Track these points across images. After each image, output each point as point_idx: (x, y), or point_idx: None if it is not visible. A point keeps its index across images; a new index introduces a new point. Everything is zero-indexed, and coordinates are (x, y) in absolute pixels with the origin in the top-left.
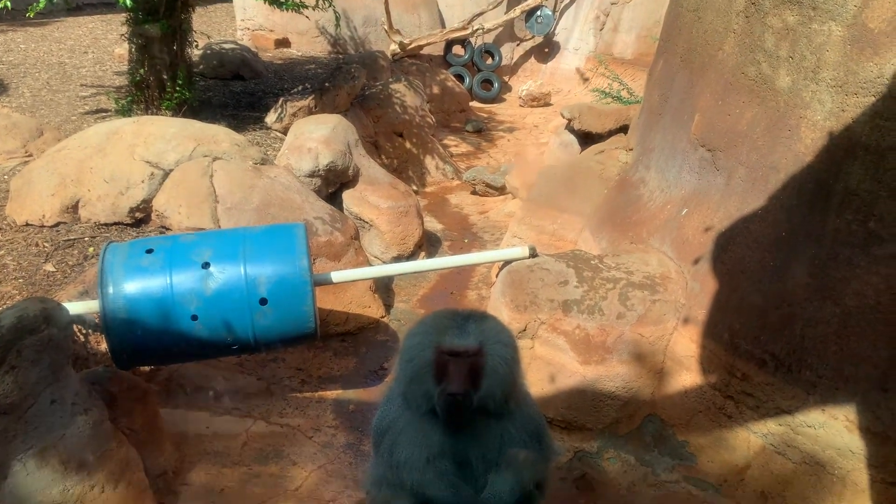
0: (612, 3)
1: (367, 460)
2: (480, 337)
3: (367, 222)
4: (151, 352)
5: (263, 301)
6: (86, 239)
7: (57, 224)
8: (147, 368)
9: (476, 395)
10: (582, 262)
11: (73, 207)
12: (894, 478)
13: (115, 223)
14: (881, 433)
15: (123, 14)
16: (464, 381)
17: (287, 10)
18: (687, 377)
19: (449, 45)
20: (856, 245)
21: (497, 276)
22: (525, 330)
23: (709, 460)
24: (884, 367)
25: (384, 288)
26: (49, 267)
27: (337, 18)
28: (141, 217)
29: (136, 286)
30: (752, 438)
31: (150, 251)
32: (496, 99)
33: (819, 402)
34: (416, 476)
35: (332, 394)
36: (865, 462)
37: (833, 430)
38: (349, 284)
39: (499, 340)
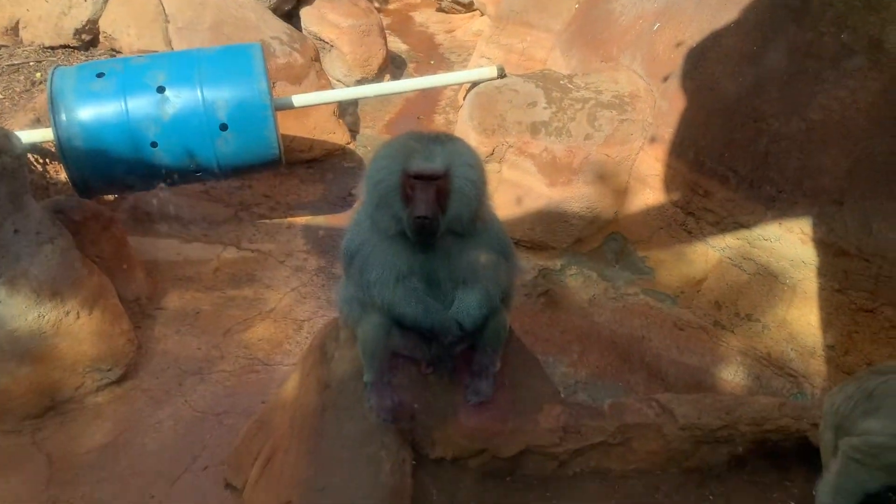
0: None
1: (339, 282)
2: (447, 160)
3: (327, 42)
4: (112, 179)
5: (224, 127)
6: (31, 63)
7: None
8: (112, 197)
9: (443, 217)
10: (551, 83)
11: (14, 29)
12: (841, 285)
13: (62, 46)
14: (833, 244)
15: None
16: (431, 203)
17: None
18: (650, 195)
19: None
20: (826, 58)
21: (464, 99)
22: (493, 154)
23: (667, 273)
24: (841, 180)
25: (349, 113)
26: None
27: None
28: (88, 39)
29: (90, 112)
30: (710, 252)
31: (100, 75)
32: None
33: (777, 217)
34: (387, 294)
35: (302, 220)
36: (816, 272)
37: (788, 242)
38: (312, 110)
39: (465, 163)
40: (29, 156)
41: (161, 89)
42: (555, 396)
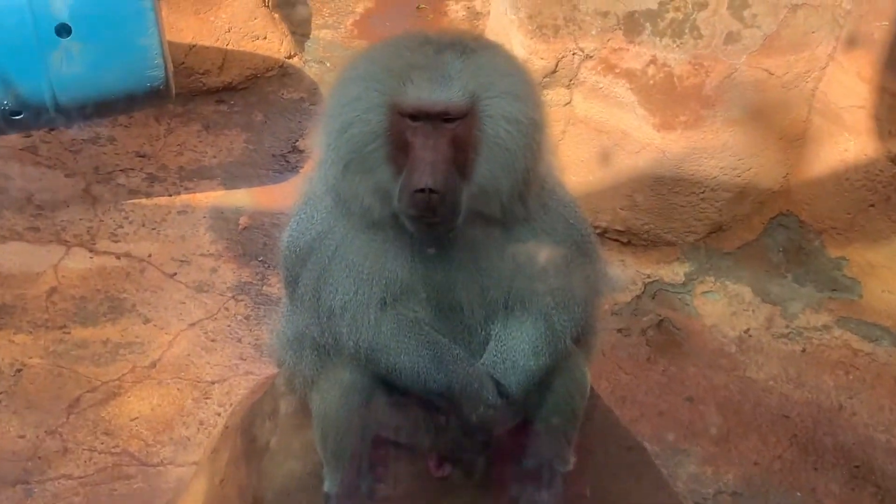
0: None
1: (277, 311)
2: (471, 84)
3: None
4: None
5: (64, 30)
6: None
7: None
8: None
9: (466, 189)
10: None
11: None
12: None
13: None
14: None
15: None
16: (443, 166)
17: None
18: (850, 145)
19: None
20: None
21: None
22: (556, 71)
23: (884, 290)
24: None
25: (290, 3)
26: None
27: None
28: None
29: None
30: None
31: None
32: None
33: None
34: (366, 331)
35: (207, 197)
36: None
37: None
38: (224, 1)
39: (505, 90)
40: None
41: None
42: None
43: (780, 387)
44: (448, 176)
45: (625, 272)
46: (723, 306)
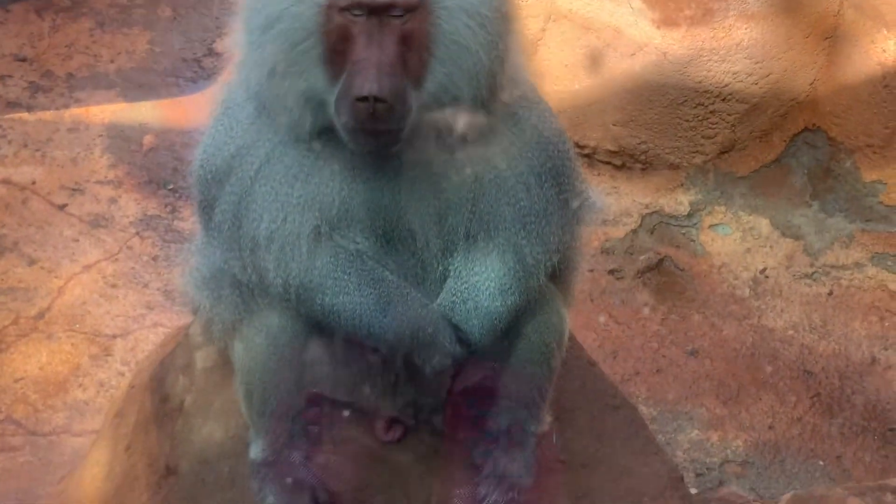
0: None
1: (191, 245)
2: None
3: None
4: None
5: None
6: None
7: None
8: None
9: (416, 97)
10: None
11: None
12: None
13: None
14: None
15: None
16: (389, 68)
17: None
18: (890, 45)
19: None
20: None
21: None
22: None
23: None
24: None
25: None
26: None
27: None
28: None
29: None
30: None
31: None
32: None
33: None
34: (296, 266)
35: (103, 112)
36: None
37: None
38: None
39: None
40: None
41: None
42: (673, 485)
43: (801, 337)
44: (396, 81)
45: (615, 199)
46: (735, 241)
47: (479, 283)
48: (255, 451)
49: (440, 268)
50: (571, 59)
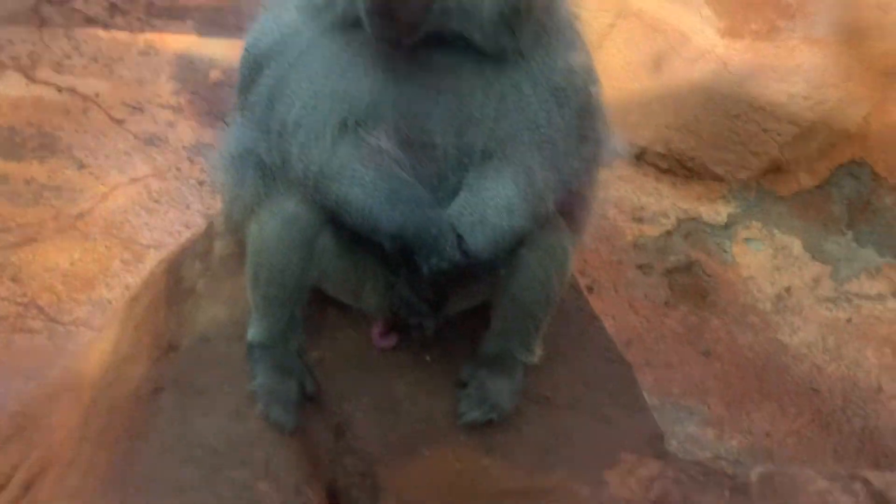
0: None
1: (225, 129)
2: None
3: None
4: None
5: None
6: None
7: None
8: None
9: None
10: None
11: None
12: None
13: None
14: None
15: None
16: None
17: None
18: None
19: None
20: None
21: None
22: None
23: None
24: None
25: None
26: None
27: None
28: None
29: None
30: None
31: None
32: None
33: None
34: (318, 153)
35: (176, 41)
36: None
37: None
38: None
39: None
40: None
41: None
42: (651, 442)
43: (813, 356)
44: None
45: (658, 203)
46: (765, 257)
47: (489, 199)
48: (253, 333)
49: (454, 179)
50: (635, 58)
